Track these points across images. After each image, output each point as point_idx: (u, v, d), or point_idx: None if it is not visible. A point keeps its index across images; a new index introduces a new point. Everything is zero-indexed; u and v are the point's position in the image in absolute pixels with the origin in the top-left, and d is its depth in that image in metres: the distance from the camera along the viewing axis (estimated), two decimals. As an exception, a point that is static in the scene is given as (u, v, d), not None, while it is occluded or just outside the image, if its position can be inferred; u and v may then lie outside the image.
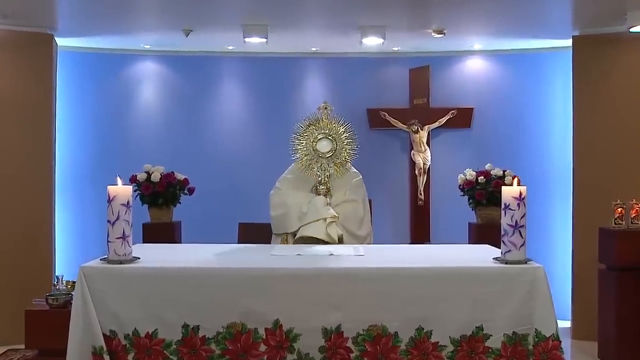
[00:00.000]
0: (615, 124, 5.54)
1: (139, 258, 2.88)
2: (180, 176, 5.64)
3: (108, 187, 2.84)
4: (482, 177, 5.54)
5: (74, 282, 3.00)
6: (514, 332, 2.73)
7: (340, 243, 3.66)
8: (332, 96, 6.71)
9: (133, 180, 5.50)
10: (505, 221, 2.83)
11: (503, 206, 2.85)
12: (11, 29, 5.38)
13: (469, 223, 5.80)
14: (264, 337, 2.72)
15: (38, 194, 5.56)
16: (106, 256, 2.85)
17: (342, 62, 6.71)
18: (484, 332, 2.73)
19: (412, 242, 6.57)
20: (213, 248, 3.35)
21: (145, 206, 5.61)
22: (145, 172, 5.56)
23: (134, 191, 5.49)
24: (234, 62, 6.72)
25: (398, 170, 6.74)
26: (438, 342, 2.72)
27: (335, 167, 3.71)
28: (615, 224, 4.68)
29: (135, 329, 2.73)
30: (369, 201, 4.19)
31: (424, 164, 6.58)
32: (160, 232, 5.45)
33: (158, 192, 5.52)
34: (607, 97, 5.58)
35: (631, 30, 5.09)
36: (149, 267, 2.81)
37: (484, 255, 3.13)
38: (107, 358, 2.68)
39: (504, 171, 5.56)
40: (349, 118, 6.29)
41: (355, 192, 3.91)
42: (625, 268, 4.63)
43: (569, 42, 5.78)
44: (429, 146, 6.61)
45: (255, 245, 3.62)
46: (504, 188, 2.86)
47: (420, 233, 6.65)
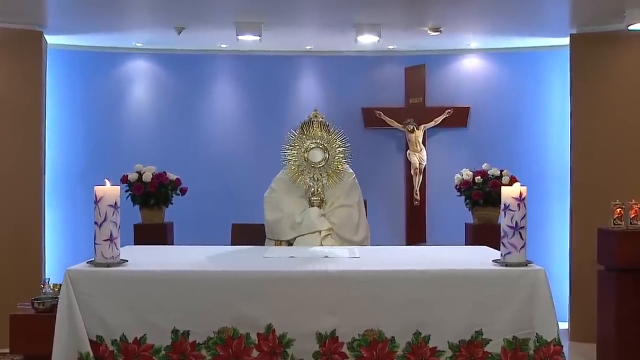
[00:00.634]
0: (613, 123, 5.49)
1: (127, 261, 2.79)
2: (172, 176, 5.55)
3: (95, 187, 2.76)
4: (479, 177, 5.47)
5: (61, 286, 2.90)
6: (514, 336, 2.65)
7: None
8: (326, 95, 6.67)
9: (124, 180, 5.42)
10: (505, 222, 2.76)
11: (503, 207, 2.77)
12: (-1, 25, 5.29)
13: (465, 224, 5.73)
14: (256, 342, 2.64)
15: (27, 195, 5.46)
16: (93, 259, 2.76)
17: (337, 61, 6.65)
18: (484, 336, 2.65)
19: (407, 243, 6.55)
20: (204, 250, 3.27)
21: (137, 207, 5.52)
22: (137, 172, 5.47)
23: (125, 191, 5.42)
24: (227, 60, 6.65)
25: (393, 170, 6.68)
26: (436, 348, 2.64)
27: (328, 177, 3.63)
28: (614, 224, 4.61)
29: (123, 334, 2.64)
30: (364, 201, 4.11)
31: (419, 163, 6.54)
32: (152, 233, 5.38)
33: (149, 192, 5.43)
34: (605, 96, 5.54)
35: (630, 28, 5.04)
36: (137, 270, 2.72)
37: (482, 257, 3.05)
38: (93, 364, 2.59)
39: (501, 171, 5.50)
40: (343, 117, 6.34)
41: (350, 195, 3.82)
42: (624, 269, 4.56)
43: (566, 41, 5.73)
44: (424, 146, 6.57)
45: (247, 247, 3.53)
46: (503, 188, 2.79)
47: (416, 234, 6.60)
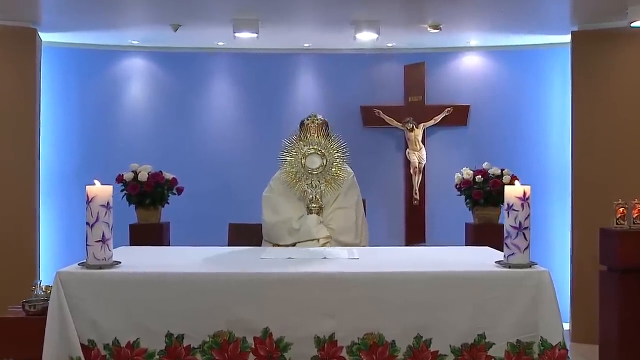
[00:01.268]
0: (615, 121, 5.45)
1: (119, 262, 2.72)
2: (168, 175, 5.49)
3: (87, 187, 2.68)
4: (480, 176, 5.41)
5: (55, 288, 2.82)
6: (518, 340, 2.57)
7: None
8: (325, 93, 6.61)
9: (119, 180, 5.35)
10: (509, 222, 2.68)
11: (506, 207, 2.70)
12: (-7, 23, 5.22)
13: (465, 223, 5.67)
14: (252, 346, 2.56)
15: (21, 194, 5.39)
16: (85, 260, 2.68)
17: (336, 59, 6.59)
18: (487, 340, 2.57)
19: (406, 243, 6.51)
20: (199, 251, 3.19)
21: (133, 207, 5.45)
22: (132, 171, 5.41)
23: (121, 191, 5.35)
24: (224, 58, 6.59)
25: (393, 169, 6.63)
26: (438, 351, 2.57)
27: (327, 183, 3.55)
28: (617, 224, 4.55)
29: (115, 338, 2.56)
30: (364, 201, 4.04)
31: (419, 162, 6.49)
32: (148, 233, 5.32)
33: (145, 191, 5.36)
34: (607, 94, 5.49)
35: (632, 25, 4.99)
36: (130, 272, 2.64)
37: (485, 258, 2.98)
38: (85, 369, 2.51)
39: (502, 170, 5.44)
40: (342, 116, 6.29)
41: (348, 195, 3.74)
42: (627, 269, 4.50)
43: (567, 38, 5.68)
44: (424, 144, 6.52)
45: (244, 247, 3.46)
46: (507, 188, 2.72)
47: (415, 233, 6.56)
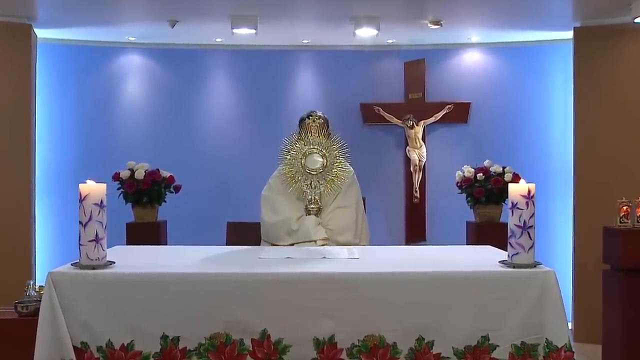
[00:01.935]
0: (618, 118, 5.41)
1: (114, 262, 2.65)
2: (165, 173, 5.42)
3: (80, 185, 2.62)
4: (481, 174, 5.35)
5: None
6: (522, 342, 2.50)
7: None
8: (324, 90, 6.55)
9: (116, 178, 5.29)
10: (513, 221, 2.61)
11: (510, 205, 2.63)
12: (-14, 19, 5.16)
13: (466, 222, 5.61)
14: (250, 348, 2.49)
15: (17, 193, 5.34)
16: (78, 261, 2.61)
17: (335, 55, 6.53)
18: (490, 342, 2.50)
19: (407, 241, 6.47)
20: (196, 250, 3.13)
21: (129, 205, 5.38)
22: (129, 169, 5.35)
23: (117, 189, 5.29)
24: (222, 55, 6.52)
25: (393, 167, 6.57)
26: (440, 354, 2.50)
27: (327, 185, 3.49)
28: (620, 222, 4.49)
29: (109, 340, 2.49)
30: (364, 199, 3.98)
31: (419, 160, 6.44)
32: (145, 232, 5.26)
33: (142, 190, 5.30)
34: (609, 91, 5.44)
35: (636, 20, 4.94)
36: (124, 273, 2.57)
37: (488, 257, 2.92)
38: (78, 372, 2.45)
39: (503, 168, 5.39)
40: (341, 113, 6.22)
41: (347, 194, 3.67)
42: (631, 269, 4.45)
43: (569, 34, 5.62)
44: (424, 142, 6.47)
45: (242, 247, 3.39)
46: (511, 186, 2.65)
47: (415, 232, 6.51)
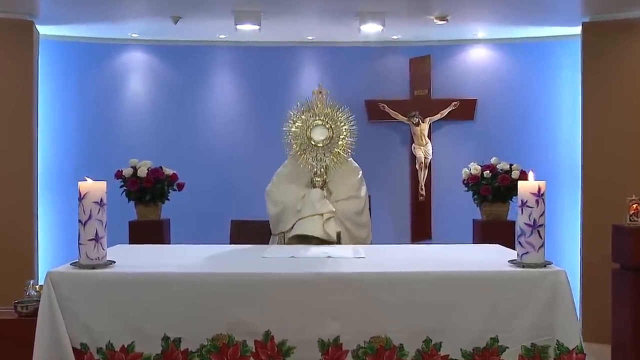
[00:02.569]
0: (627, 115, 5.34)
1: (114, 262, 2.59)
2: (168, 171, 5.38)
3: (79, 183, 2.57)
4: (488, 171, 5.28)
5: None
6: (532, 344, 2.44)
7: (338, 242, 3.37)
8: (329, 87, 6.32)
9: (119, 176, 5.24)
10: (523, 220, 2.55)
11: (520, 203, 2.56)
12: (-13, 15, 5.11)
13: (473, 220, 5.55)
14: (253, 350, 2.44)
15: (19, 191, 5.29)
16: (77, 260, 2.56)
17: (340, 52, 6.48)
18: (499, 343, 2.44)
19: (412, 240, 6.43)
20: (198, 249, 3.08)
21: (132, 203, 5.34)
22: (132, 167, 5.30)
23: (120, 187, 5.24)
24: (225, 51, 6.48)
25: (398, 165, 6.52)
26: (448, 356, 2.44)
27: (332, 157, 3.42)
28: (630, 220, 4.42)
29: (109, 341, 2.44)
30: (369, 197, 3.92)
31: (425, 157, 6.39)
32: (148, 230, 5.22)
33: (145, 188, 5.25)
34: (618, 87, 5.37)
35: (646, 15, 4.85)
36: (124, 273, 2.52)
37: (496, 256, 2.86)
38: (77, 374, 2.40)
39: (510, 165, 5.32)
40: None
41: (358, 189, 3.61)
42: (641, 268, 4.38)
43: (577, 30, 5.55)
44: (430, 139, 6.43)
45: (245, 246, 3.33)
46: (520, 183, 2.58)
47: (421, 230, 6.46)
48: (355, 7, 5.19)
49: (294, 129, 3.44)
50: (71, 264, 2.57)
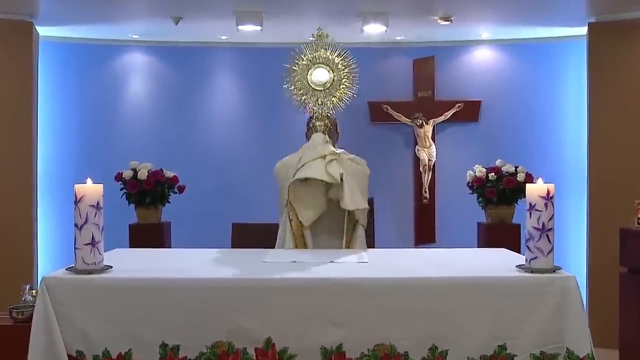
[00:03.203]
0: (634, 117, 5.28)
1: (111, 267, 2.53)
2: (169, 173, 5.32)
3: (75, 186, 2.51)
4: (493, 173, 5.21)
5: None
6: (541, 351, 2.37)
7: (341, 182, 3.22)
8: (331, 88, 6.41)
9: (118, 178, 5.18)
10: (531, 224, 2.48)
11: (528, 207, 2.49)
12: (-14, 16, 5.07)
13: (478, 223, 5.48)
14: (254, 357, 2.37)
15: (18, 193, 5.25)
16: (73, 265, 2.49)
17: (342, 53, 6.39)
18: (507, 351, 2.37)
19: (416, 243, 6.36)
20: (197, 254, 3.01)
21: (132, 206, 5.27)
22: (132, 169, 5.24)
23: (120, 189, 5.18)
24: (227, 52, 6.43)
25: (401, 167, 6.45)
26: (454, 363, 2.37)
27: (335, 99, 3.33)
28: (638, 223, 4.35)
29: (105, 349, 2.37)
30: (372, 200, 3.84)
31: (429, 160, 6.33)
32: (148, 234, 5.17)
33: (145, 190, 5.19)
34: (625, 88, 5.31)
35: (653, 15, 4.78)
36: (121, 278, 2.45)
37: (503, 261, 2.78)
38: (73, 382, 2.33)
39: (516, 167, 5.25)
40: (349, 111, 5.94)
41: (364, 190, 3.49)
42: (649, 272, 4.31)
43: (583, 30, 5.48)
44: (434, 141, 6.37)
45: (246, 250, 3.26)
46: (529, 186, 2.51)
47: (425, 233, 6.40)
48: (358, 7, 5.14)
49: (296, 75, 3.34)
50: (67, 269, 2.51)
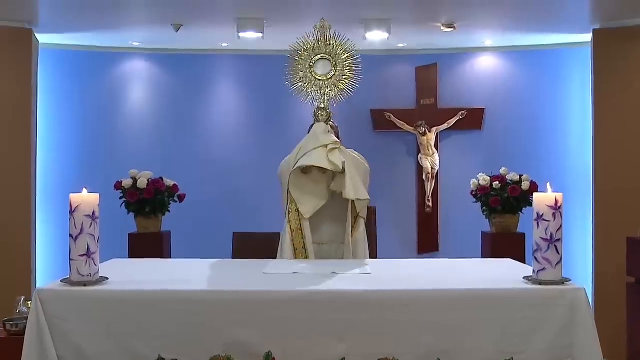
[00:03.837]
0: (639, 124, 5.16)
1: (107, 278, 2.46)
2: (169, 182, 5.25)
3: (70, 195, 2.44)
4: (497, 182, 5.14)
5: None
6: (550, 366, 2.30)
7: (343, 171, 3.19)
8: (333, 96, 6.37)
9: (118, 187, 5.12)
10: (539, 234, 2.41)
11: (535, 216, 2.42)
12: (-14, 23, 5.03)
13: (482, 232, 5.40)
14: (253, 372, 2.30)
15: (16, 202, 5.18)
16: (68, 277, 2.43)
17: (344, 60, 6.35)
18: (515, 366, 2.30)
19: (419, 252, 6.31)
20: (196, 265, 2.94)
21: (132, 215, 5.21)
22: (132, 177, 5.17)
23: (120, 198, 5.12)
24: (228, 60, 6.41)
25: (404, 175, 6.41)
26: (460, 379, 2.30)
27: (337, 89, 3.30)
28: (645, 233, 4.28)
29: (100, 363, 2.30)
30: (374, 209, 3.79)
31: (432, 168, 6.28)
32: (148, 243, 5.09)
33: (145, 199, 5.12)
34: (630, 95, 5.25)
35: (659, 21, 4.73)
36: (117, 290, 2.38)
37: (509, 272, 2.71)
38: (66, 399, 2.26)
39: (520, 176, 5.18)
40: (351, 119, 6.04)
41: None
42: (657, 282, 4.23)
43: (588, 37, 5.43)
44: (437, 149, 6.32)
45: (246, 261, 3.20)
46: (536, 195, 2.45)
47: (428, 242, 6.35)
48: (360, 14, 5.10)
49: (298, 67, 3.34)
50: (62, 281, 2.44)
